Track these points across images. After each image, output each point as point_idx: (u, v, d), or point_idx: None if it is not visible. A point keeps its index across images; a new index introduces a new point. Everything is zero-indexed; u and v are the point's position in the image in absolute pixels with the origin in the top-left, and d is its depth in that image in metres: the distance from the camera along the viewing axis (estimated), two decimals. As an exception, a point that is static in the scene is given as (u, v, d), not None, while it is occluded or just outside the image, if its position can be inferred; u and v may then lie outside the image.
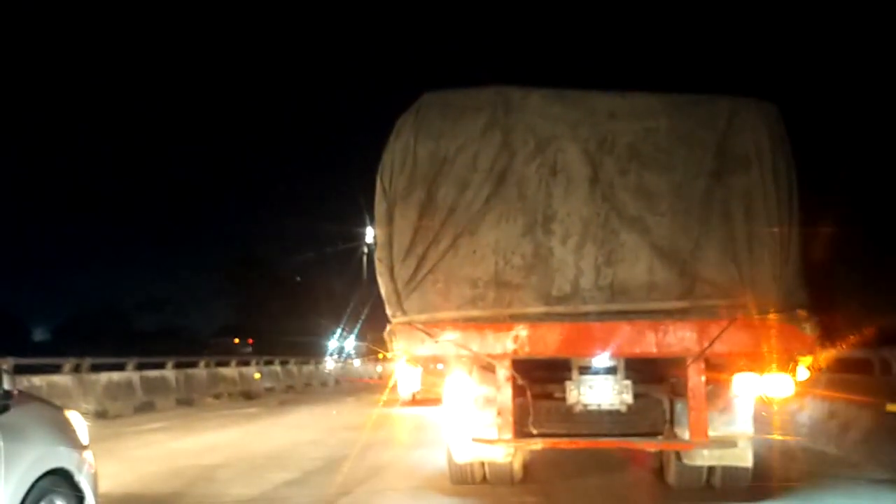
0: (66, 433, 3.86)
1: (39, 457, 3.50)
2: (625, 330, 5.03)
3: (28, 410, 3.66)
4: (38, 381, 12.12)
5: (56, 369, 13.10)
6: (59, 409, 4.14)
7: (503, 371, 5.23)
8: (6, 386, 3.36)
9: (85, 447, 3.94)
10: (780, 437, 8.55)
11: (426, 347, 5.17)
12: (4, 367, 3.90)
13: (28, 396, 3.96)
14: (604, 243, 5.11)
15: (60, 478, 3.62)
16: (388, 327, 5.25)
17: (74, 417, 4.07)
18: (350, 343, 41.43)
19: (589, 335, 5.09)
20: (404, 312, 5.19)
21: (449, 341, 5.11)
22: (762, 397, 5.52)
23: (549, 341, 5.09)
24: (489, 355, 5.18)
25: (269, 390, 20.52)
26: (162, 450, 9.06)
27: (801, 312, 5.00)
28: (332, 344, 41.75)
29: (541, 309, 5.10)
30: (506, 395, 5.23)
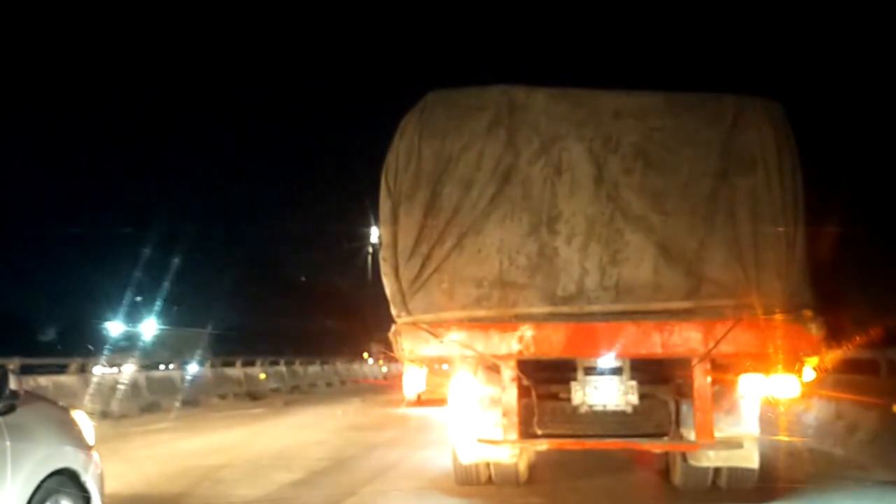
0: (72, 433, 3.87)
1: (46, 457, 3.50)
2: (630, 330, 5.02)
3: (34, 410, 3.67)
4: (43, 381, 12.17)
5: (62, 369, 13.15)
6: (66, 409, 4.15)
7: (508, 371, 5.22)
8: (13, 386, 3.37)
9: (91, 447, 3.95)
10: (786, 438, 8.53)
11: (431, 348, 5.16)
12: (11, 367, 3.91)
13: (34, 396, 3.97)
14: (609, 243, 5.10)
15: (67, 478, 3.62)
16: (394, 327, 5.25)
17: (80, 417, 4.07)
18: (150, 327, 24.11)
19: (594, 335, 5.08)
20: (409, 312, 5.19)
21: (454, 341, 5.11)
22: (768, 398, 5.50)
23: (555, 342, 5.08)
24: (494, 356, 5.18)
25: (275, 391, 20.55)
26: (167, 450, 9.08)
27: (807, 312, 4.98)
28: (116, 329, 24.57)
29: (546, 309, 5.09)
30: (511, 395, 5.22)
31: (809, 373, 5.44)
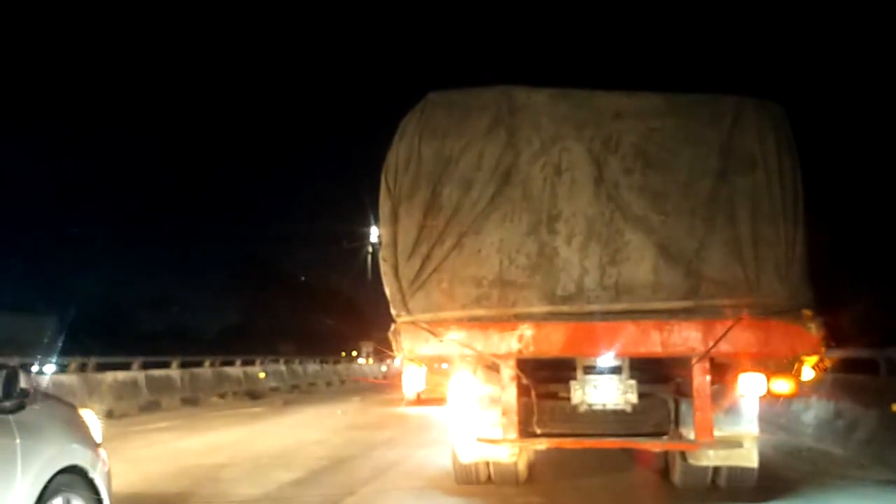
0: (80, 431, 3.89)
1: (55, 454, 3.52)
2: (629, 329, 5.03)
3: (43, 408, 3.68)
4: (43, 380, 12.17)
5: (62, 368, 13.15)
6: (73, 407, 4.17)
7: (508, 371, 5.23)
8: (23, 384, 3.39)
9: (99, 445, 3.98)
10: (786, 438, 8.54)
11: (431, 347, 5.18)
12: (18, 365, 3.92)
13: (43, 394, 3.98)
14: (608, 243, 5.11)
15: (75, 475, 3.64)
16: (393, 327, 5.27)
17: (88, 415, 4.10)
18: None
19: (593, 335, 5.10)
20: (409, 312, 5.20)
21: (454, 341, 5.12)
22: (767, 397, 5.51)
23: (554, 341, 5.09)
24: (494, 355, 5.19)
25: (274, 390, 20.57)
26: (167, 449, 9.09)
27: (807, 312, 4.99)
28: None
29: (545, 308, 5.11)
30: (510, 394, 5.23)
31: (808, 372, 5.46)
